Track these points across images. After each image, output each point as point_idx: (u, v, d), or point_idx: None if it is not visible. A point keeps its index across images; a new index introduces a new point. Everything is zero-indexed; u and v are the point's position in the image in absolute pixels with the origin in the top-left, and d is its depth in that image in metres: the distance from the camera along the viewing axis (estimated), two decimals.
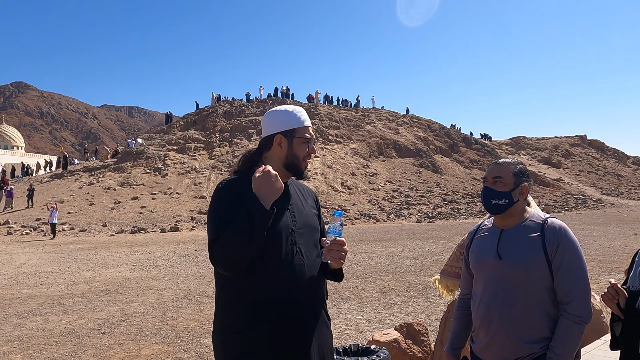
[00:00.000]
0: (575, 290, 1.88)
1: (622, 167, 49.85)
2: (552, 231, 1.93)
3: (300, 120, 1.99)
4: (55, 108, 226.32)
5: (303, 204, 2.03)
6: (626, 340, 1.83)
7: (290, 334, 1.82)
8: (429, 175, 37.41)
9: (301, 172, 1.99)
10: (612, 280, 1.99)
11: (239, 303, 1.82)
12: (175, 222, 23.37)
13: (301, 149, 1.97)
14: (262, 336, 1.79)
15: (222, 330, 1.85)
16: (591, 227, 20.12)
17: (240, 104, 44.83)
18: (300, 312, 1.84)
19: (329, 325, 2.00)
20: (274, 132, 1.97)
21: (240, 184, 1.90)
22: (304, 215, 1.98)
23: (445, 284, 3.40)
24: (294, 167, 1.97)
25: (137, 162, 33.26)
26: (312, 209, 2.07)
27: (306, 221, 1.97)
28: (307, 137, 1.98)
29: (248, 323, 1.80)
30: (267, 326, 1.79)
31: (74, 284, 9.78)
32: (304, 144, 1.97)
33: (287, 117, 1.99)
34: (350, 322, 6.60)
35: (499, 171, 2.04)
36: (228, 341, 1.82)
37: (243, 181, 1.90)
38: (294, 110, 2.01)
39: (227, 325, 1.84)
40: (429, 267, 10.99)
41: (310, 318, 1.89)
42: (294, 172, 1.98)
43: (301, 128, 1.98)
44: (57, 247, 16.87)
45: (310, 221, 1.99)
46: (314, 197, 2.16)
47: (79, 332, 6.31)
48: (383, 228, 22.99)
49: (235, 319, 1.82)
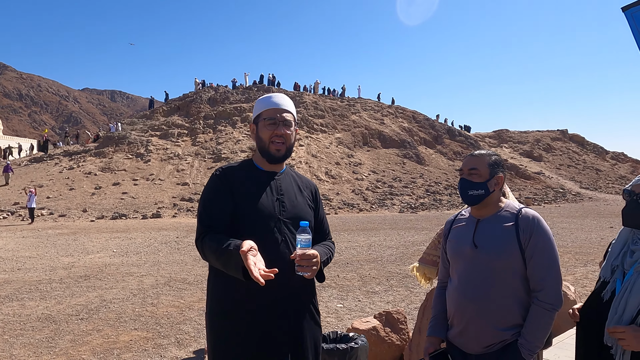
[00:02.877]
0: (546, 278, 1.91)
1: (601, 162, 50.79)
2: (525, 221, 1.96)
3: (267, 103, 2.00)
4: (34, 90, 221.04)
5: (296, 195, 2.03)
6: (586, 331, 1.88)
7: (272, 321, 1.83)
8: (413, 166, 37.65)
9: (271, 154, 1.97)
10: (570, 312, 2.06)
11: (224, 288, 1.87)
12: (157, 209, 23.16)
13: (265, 132, 1.96)
14: (244, 321, 1.82)
15: (210, 311, 1.93)
16: (569, 220, 20.53)
17: (225, 90, 44.35)
18: (283, 300, 1.86)
19: (317, 319, 2.02)
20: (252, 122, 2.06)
21: (236, 171, 1.95)
22: (295, 206, 1.98)
23: (422, 271, 3.44)
24: (263, 150, 1.98)
25: (119, 147, 32.78)
26: (307, 200, 2.07)
27: (297, 212, 1.97)
28: (271, 118, 1.96)
29: (232, 308, 1.85)
30: (249, 311, 1.83)
31: (52, 270, 9.66)
32: (268, 125, 1.96)
33: (257, 104, 2.04)
34: (331, 310, 6.65)
35: (475, 162, 2.07)
36: (214, 323, 1.89)
37: (239, 169, 1.96)
38: (266, 97, 2.03)
39: (214, 307, 1.91)
40: (410, 256, 11.10)
41: (295, 307, 1.90)
42: (265, 155, 1.99)
43: (266, 111, 1.98)
44: (36, 232, 16.60)
45: (301, 213, 1.99)
46: (313, 190, 2.15)
47: (57, 317, 6.24)
48: (366, 218, 23.12)
49: (221, 303, 1.88)
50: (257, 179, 1.97)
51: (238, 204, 1.87)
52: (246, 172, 1.99)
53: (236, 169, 1.99)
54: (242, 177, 1.95)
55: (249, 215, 1.86)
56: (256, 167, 2.02)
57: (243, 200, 1.89)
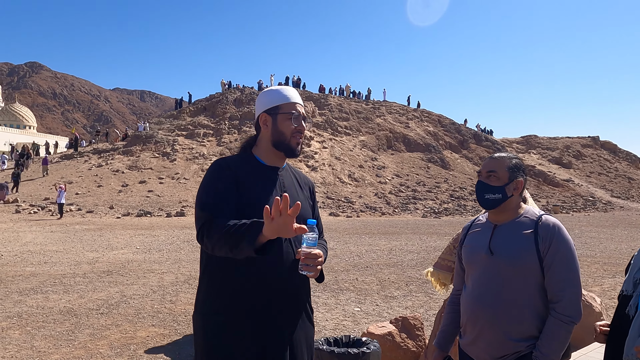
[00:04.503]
0: (565, 289, 1.83)
1: (634, 170, 49.21)
2: (545, 228, 1.88)
3: (285, 96, 1.95)
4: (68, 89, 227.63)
5: (297, 192, 2.00)
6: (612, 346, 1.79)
7: (271, 320, 1.80)
8: (437, 170, 37.21)
9: (292, 149, 1.93)
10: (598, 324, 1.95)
11: (223, 285, 1.80)
12: (181, 207, 23.49)
13: (286, 125, 1.91)
14: (242, 319, 1.77)
15: (203, 310, 1.84)
16: (598, 229, 19.91)
17: (251, 91, 44.74)
18: (285, 299, 1.83)
19: (311, 317, 1.98)
20: (259, 113, 1.96)
21: (239, 163, 1.89)
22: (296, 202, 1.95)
23: (437, 276, 3.36)
24: (282, 144, 1.93)
25: (146, 146, 33.41)
26: (307, 198, 2.04)
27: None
28: (292, 112, 1.92)
29: (231, 305, 1.78)
30: (249, 310, 1.78)
31: (77, 264, 9.87)
32: (289, 120, 1.91)
33: (271, 95, 1.96)
34: (348, 313, 6.58)
35: (493, 165, 1.99)
36: (208, 321, 1.81)
37: (239, 162, 1.90)
38: (280, 89, 1.98)
39: (208, 305, 1.83)
40: (431, 262, 10.92)
41: (294, 306, 1.87)
42: (284, 149, 1.93)
43: (285, 104, 1.93)
44: (64, 227, 17.03)
45: (303, 210, 1.94)
46: (311, 187, 2.12)
47: (78, 311, 6.36)
48: (388, 221, 22.94)
49: (219, 300, 1.80)
50: (261, 173, 1.91)
51: (242, 196, 1.80)
52: (249, 165, 1.91)
53: (238, 161, 1.91)
54: (246, 170, 1.87)
55: (255, 209, 1.78)
56: (258, 161, 1.95)
57: (248, 193, 1.81)
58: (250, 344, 1.77)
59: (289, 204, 1.50)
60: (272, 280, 1.77)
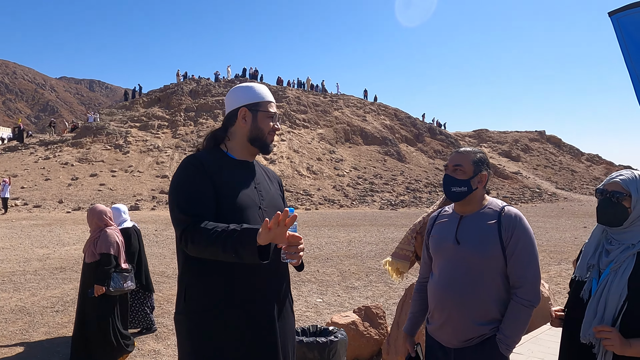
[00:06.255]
0: (526, 275, 1.96)
1: (576, 163, 51.93)
2: (508, 219, 2.00)
3: (264, 95, 1.99)
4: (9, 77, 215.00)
5: (269, 184, 2.03)
6: (569, 329, 1.92)
7: (261, 312, 1.80)
8: (394, 163, 37.92)
9: (267, 145, 1.98)
10: (553, 309, 2.08)
11: (206, 282, 1.78)
12: (135, 201, 22.85)
13: (265, 123, 1.96)
14: (230, 314, 1.76)
15: (187, 310, 1.80)
16: (545, 220, 20.96)
17: (207, 82, 43.90)
18: (267, 292, 1.83)
19: (292, 308, 2.02)
20: (239, 106, 1.95)
21: (210, 159, 1.87)
22: (270, 195, 1.97)
23: (395, 266, 3.48)
24: (259, 141, 1.95)
25: (97, 138, 32.19)
26: (277, 191, 2.07)
27: (272, 201, 1.96)
28: (271, 111, 1.97)
29: (216, 302, 1.76)
30: (235, 305, 1.77)
31: (26, 261, 9.44)
32: (268, 118, 1.96)
33: (251, 91, 1.99)
34: (310, 304, 6.67)
35: (459, 159, 2.09)
36: (194, 321, 1.78)
37: (210, 158, 1.88)
38: (258, 86, 2.02)
39: (193, 304, 1.78)
40: (389, 252, 11.17)
41: (278, 298, 1.88)
42: (259, 146, 1.97)
43: (265, 102, 1.97)
44: (9, 222, 16.21)
45: (275, 202, 1.98)
46: (279, 181, 2.16)
47: (31, 309, 6.12)
48: (346, 214, 23.21)
49: (203, 298, 1.77)
50: (233, 167, 1.91)
51: (218, 191, 1.79)
52: (219, 160, 1.90)
53: (209, 157, 1.89)
54: (218, 165, 1.86)
55: (232, 204, 1.79)
56: (228, 156, 1.94)
57: (223, 188, 1.81)
58: (242, 337, 1.76)
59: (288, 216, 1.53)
60: (258, 272, 1.79)
